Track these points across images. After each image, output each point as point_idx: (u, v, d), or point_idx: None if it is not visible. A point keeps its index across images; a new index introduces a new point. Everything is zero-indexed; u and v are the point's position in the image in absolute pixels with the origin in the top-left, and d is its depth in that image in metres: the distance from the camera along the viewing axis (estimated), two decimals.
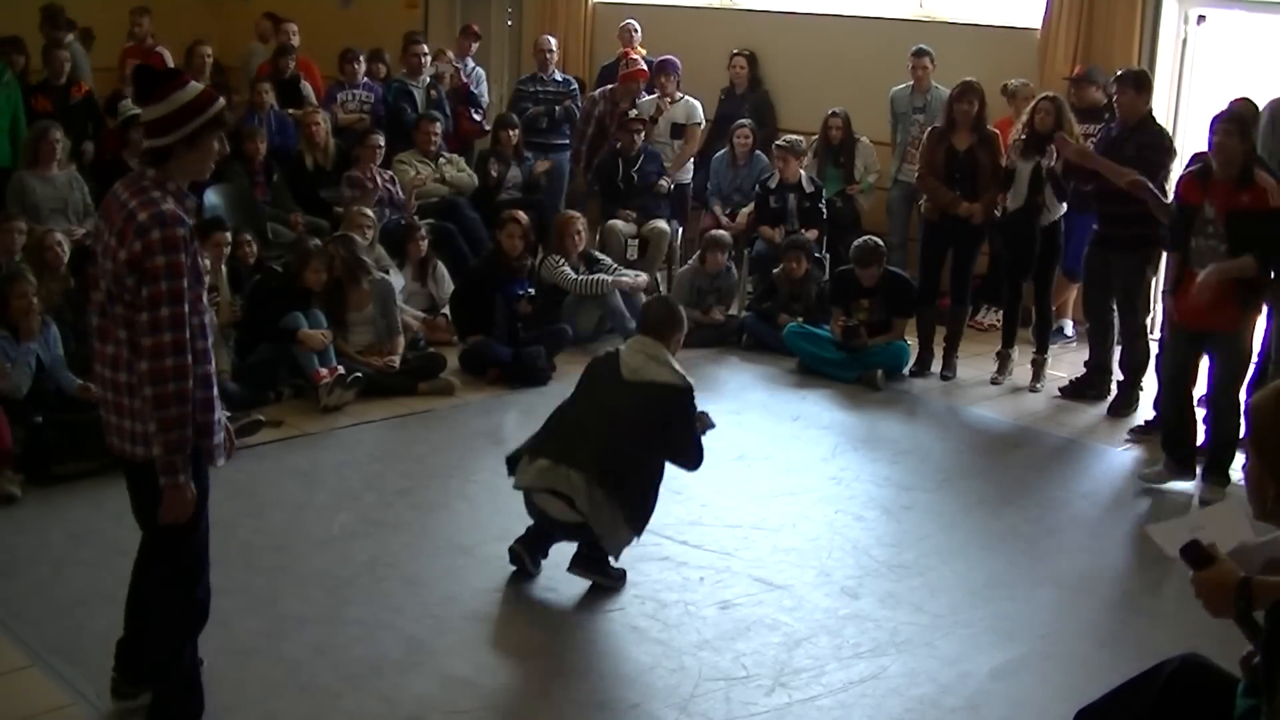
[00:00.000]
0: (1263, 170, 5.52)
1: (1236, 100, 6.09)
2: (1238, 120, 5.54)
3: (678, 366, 4.71)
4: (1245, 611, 2.39)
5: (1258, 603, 2.40)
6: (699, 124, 9.46)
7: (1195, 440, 5.86)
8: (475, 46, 10.29)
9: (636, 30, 9.97)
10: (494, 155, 9.12)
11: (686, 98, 9.53)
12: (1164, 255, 6.22)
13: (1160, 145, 6.57)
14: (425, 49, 9.83)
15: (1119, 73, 7.00)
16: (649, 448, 4.62)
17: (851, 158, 8.95)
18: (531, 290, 7.52)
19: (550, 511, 4.60)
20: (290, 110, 9.36)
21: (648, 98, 9.45)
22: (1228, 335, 5.61)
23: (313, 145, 8.72)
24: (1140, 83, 6.70)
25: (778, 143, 8.68)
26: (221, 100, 3.42)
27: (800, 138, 8.75)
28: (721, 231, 8.47)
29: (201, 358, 3.30)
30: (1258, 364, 6.30)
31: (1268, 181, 5.46)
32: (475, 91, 10.06)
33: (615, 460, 4.54)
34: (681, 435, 4.68)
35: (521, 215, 7.60)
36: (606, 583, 4.70)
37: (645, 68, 9.39)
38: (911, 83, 8.64)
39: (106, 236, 3.26)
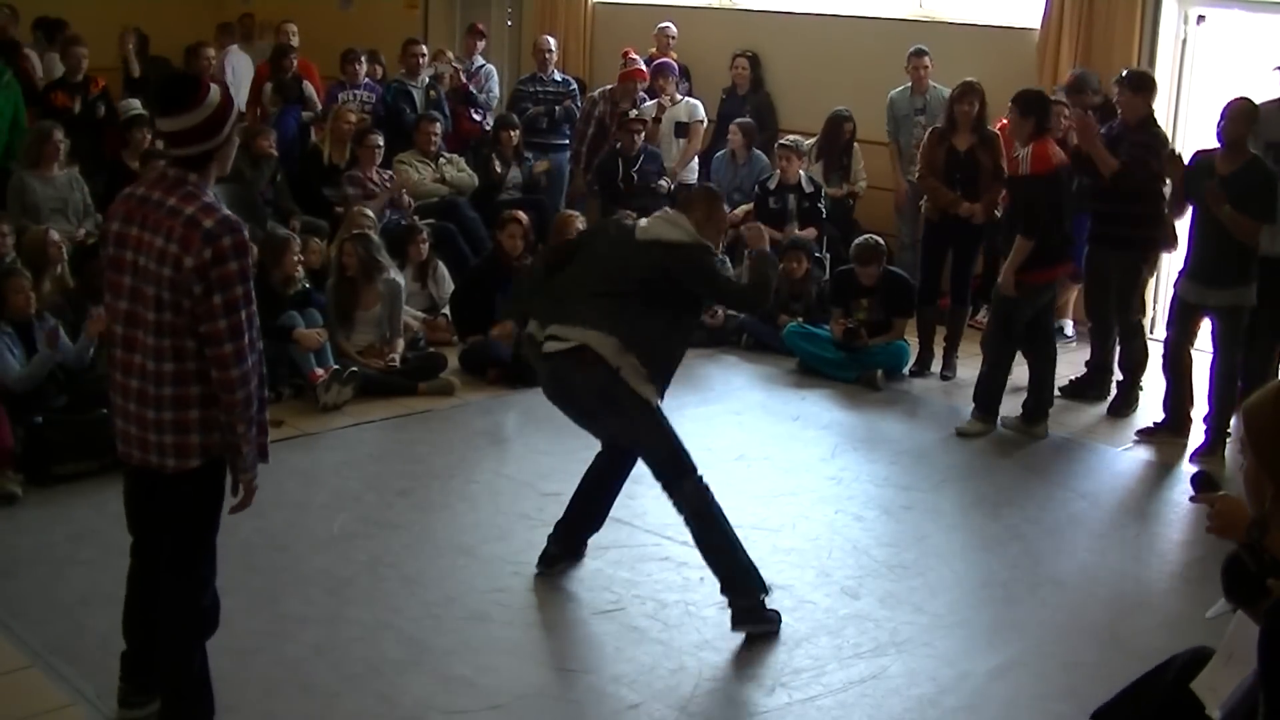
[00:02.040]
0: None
1: (1236, 99, 6.12)
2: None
3: (694, 231, 4.50)
4: (1256, 541, 2.39)
5: (1271, 539, 2.40)
6: (702, 121, 9.46)
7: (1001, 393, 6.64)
8: (482, 45, 10.30)
9: (674, 36, 9.96)
10: (495, 155, 9.12)
11: (686, 98, 9.53)
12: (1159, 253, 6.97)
13: (1150, 146, 6.59)
14: (424, 49, 9.84)
15: (1121, 73, 7.05)
16: (661, 303, 4.43)
17: (850, 159, 8.96)
18: None
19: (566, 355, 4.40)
20: (306, 113, 9.42)
21: (649, 101, 9.45)
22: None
23: (337, 141, 8.71)
24: (1138, 83, 6.76)
25: (782, 141, 8.66)
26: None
27: (799, 137, 8.75)
28: None
29: (261, 360, 3.34)
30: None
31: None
32: (486, 89, 10.07)
33: (626, 316, 4.37)
34: (708, 289, 4.57)
35: (522, 215, 7.61)
36: (767, 629, 4.42)
37: (644, 68, 9.39)
38: (910, 85, 8.64)
39: (161, 243, 3.19)
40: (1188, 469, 6.19)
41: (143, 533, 3.58)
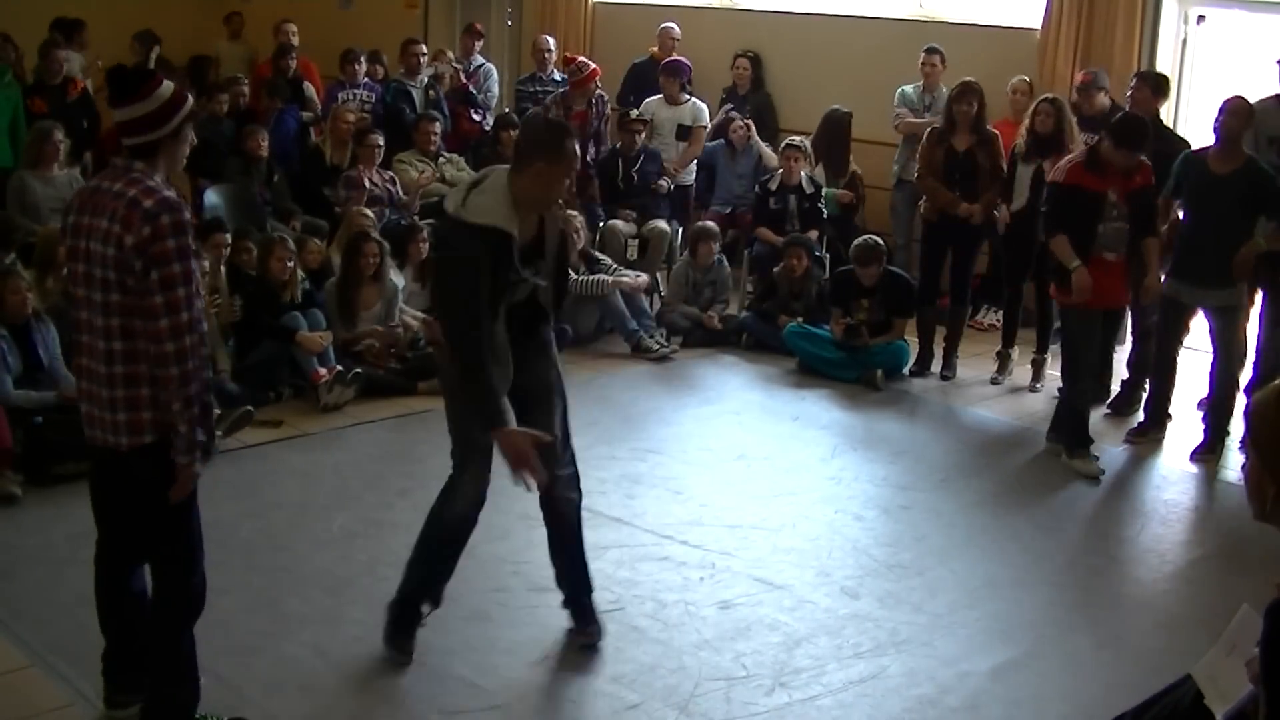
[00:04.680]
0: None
1: (1233, 97, 6.15)
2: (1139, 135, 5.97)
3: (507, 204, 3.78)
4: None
5: None
6: (705, 126, 9.44)
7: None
8: (479, 45, 10.30)
9: (677, 37, 9.93)
10: (494, 158, 9.11)
11: (693, 99, 9.51)
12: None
13: (1173, 153, 6.59)
14: (424, 49, 9.84)
15: (1139, 70, 7.09)
16: None
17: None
18: None
19: None
20: (306, 113, 9.42)
21: (651, 98, 9.44)
22: (1121, 310, 6.42)
23: (338, 141, 8.72)
24: (1159, 85, 6.93)
25: (788, 141, 8.65)
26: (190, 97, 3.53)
27: (802, 138, 8.74)
28: (708, 222, 8.50)
29: (201, 341, 3.39)
30: (1255, 364, 6.33)
31: (1145, 161, 6.09)
32: (485, 89, 10.06)
33: None
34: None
35: None
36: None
37: (595, 67, 9.30)
38: (921, 81, 8.65)
39: (106, 225, 3.28)
40: (1187, 469, 6.20)
41: (106, 519, 3.63)
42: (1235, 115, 6.04)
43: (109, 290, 3.30)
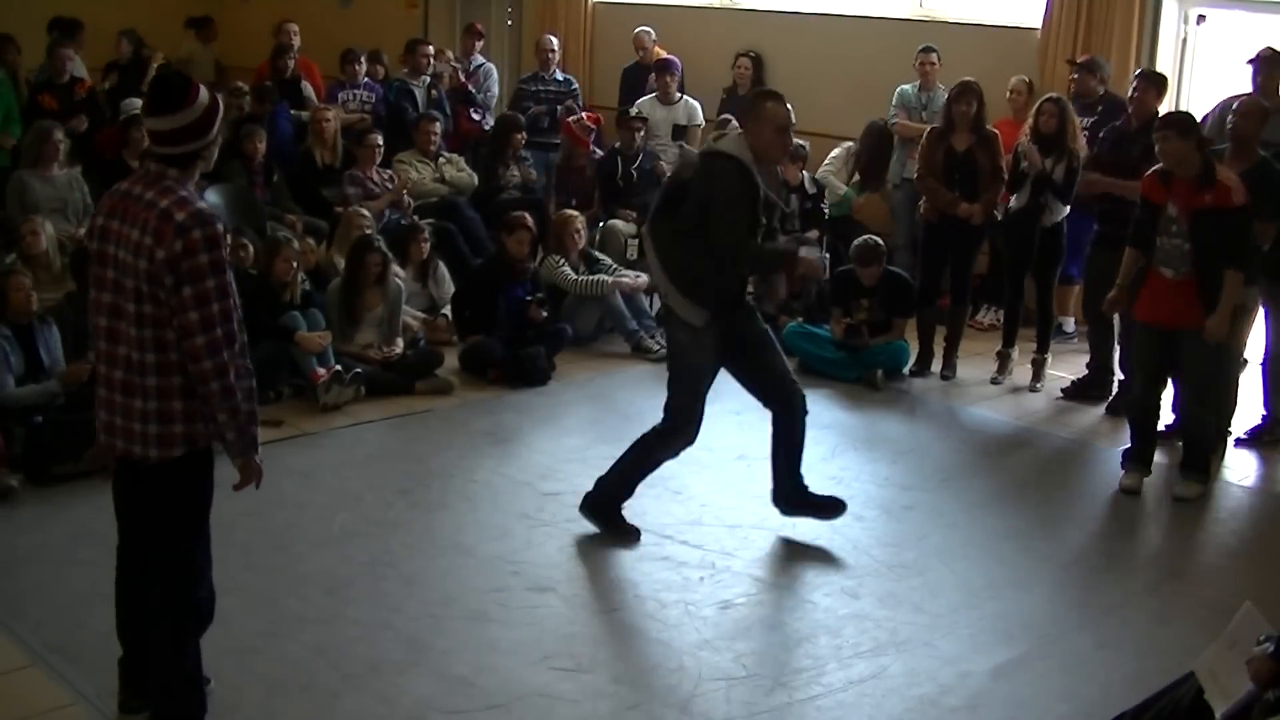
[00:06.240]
0: (1222, 167, 5.62)
1: (1248, 97, 6.19)
2: (1174, 124, 5.59)
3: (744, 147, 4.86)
4: None
5: None
6: (700, 125, 9.45)
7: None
8: (480, 45, 10.31)
9: (652, 36, 9.94)
10: (498, 159, 9.09)
11: (687, 98, 9.52)
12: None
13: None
14: (431, 49, 9.85)
15: (1139, 70, 7.11)
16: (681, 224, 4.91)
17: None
18: (541, 295, 7.49)
19: None
20: (304, 113, 9.43)
21: (644, 99, 9.45)
22: (1197, 332, 5.60)
23: (321, 142, 8.71)
24: (1161, 84, 6.92)
25: None
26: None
27: (800, 141, 8.73)
28: None
29: (244, 350, 3.38)
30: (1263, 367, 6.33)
31: (1230, 179, 5.53)
32: (485, 89, 10.06)
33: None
34: (703, 214, 4.83)
35: (530, 221, 7.54)
36: (608, 530, 5.11)
37: (586, 139, 9.32)
38: (918, 81, 8.66)
39: (137, 236, 3.24)
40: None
41: (129, 527, 3.59)
42: (1248, 117, 6.01)
43: (141, 301, 3.26)
